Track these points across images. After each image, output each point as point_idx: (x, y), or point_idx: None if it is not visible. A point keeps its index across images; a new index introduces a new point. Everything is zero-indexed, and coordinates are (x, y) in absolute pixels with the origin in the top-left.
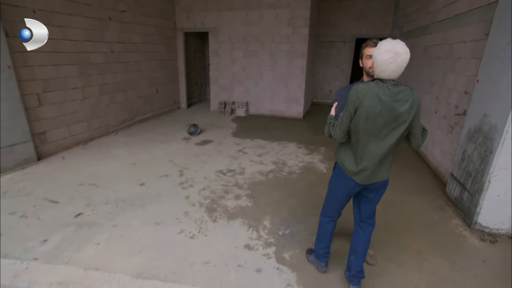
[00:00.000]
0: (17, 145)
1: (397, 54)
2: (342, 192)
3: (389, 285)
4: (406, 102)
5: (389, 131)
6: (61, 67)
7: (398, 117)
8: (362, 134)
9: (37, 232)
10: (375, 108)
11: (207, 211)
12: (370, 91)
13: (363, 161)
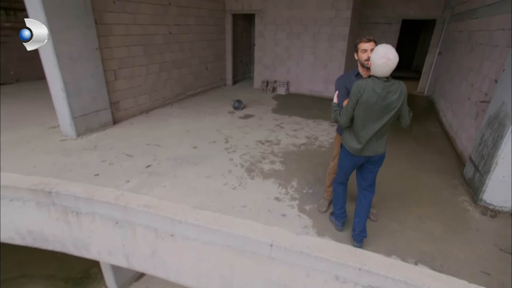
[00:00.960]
0: (100, 111)
1: (389, 59)
2: (348, 164)
3: (387, 238)
4: (396, 93)
5: (383, 115)
6: (131, 48)
7: (389, 104)
8: (362, 119)
9: (121, 175)
10: (372, 99)
11: (246, 171)
12: (368, 85)
13: (363, 139)
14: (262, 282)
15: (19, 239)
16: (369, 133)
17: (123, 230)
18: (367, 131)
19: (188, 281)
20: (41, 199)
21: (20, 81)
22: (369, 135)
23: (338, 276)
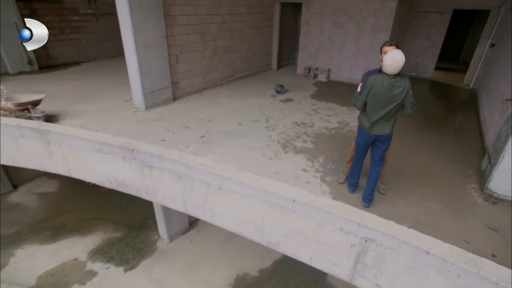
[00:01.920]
0: (164, 89)
1: (396, 61)
2: (362, 140)
3: (390, 207)
4: (400, 88)
5: (388, 104)
6: (190, 35)
7: (394, 96)
8: (372, 105)
9: (182, 142)
10: (380, 90)
11: (281, 146)
12: (379, 80)
13: (372, 120)
14: (285, 229)
15: (107, 183)
16: (377, 116)
17: (183, 183)
18: (375, 114)
19: (229, 225)
20: (126, 154)
21: (96, 59)
22: (377, 117)
23: (342, 228)
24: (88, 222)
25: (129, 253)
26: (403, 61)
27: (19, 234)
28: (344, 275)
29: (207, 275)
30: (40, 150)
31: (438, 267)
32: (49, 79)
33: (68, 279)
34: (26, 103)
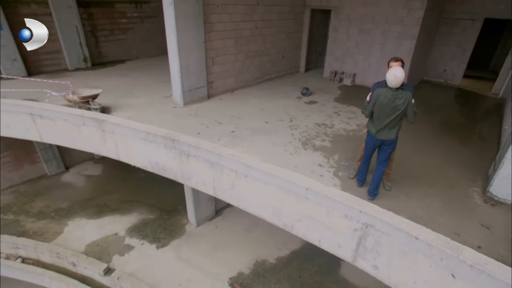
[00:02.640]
0: (200, 88)
1: (396, 77)
2: (370, 143)
3: (392, 202)
4: (401, 99)
5: (392, 113)
6: (225, 40)
7: (396, 106)
8: (377, 114)
9: (214, 135)
10: (384, 101)
11: (302, 144)
12: (383, 92)
13: (378, 127)
14: (299, 214)
15: (150, 167)
16: (382, 124)
17: (215, 170)
18: (380, 122)
19: (252, 209)
20: (167, 143)
21: (139, 57)
22: (382, 125)
23: (347, 215)
24: (127, 204)
25: (161, 233)
26: (403, 77)
27: (70, 208)
28: (348, 257)
29: (229, 258)
30: (97, 137)
31: (425, 251)
32: (100, 75)
33: (110, 250)
34: (88, 97)
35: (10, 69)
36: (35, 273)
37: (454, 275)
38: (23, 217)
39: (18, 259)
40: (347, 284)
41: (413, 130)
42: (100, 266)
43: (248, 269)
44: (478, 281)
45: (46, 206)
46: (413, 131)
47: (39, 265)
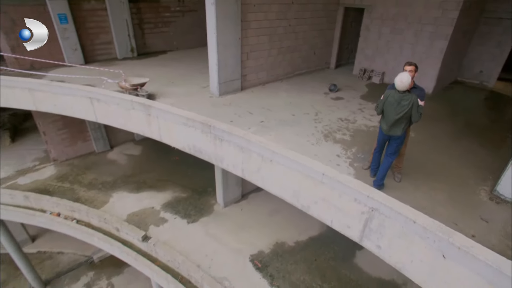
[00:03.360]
0: (235, 80)
1: (402, 82)
2: (380, 137)
3: (399, 192)
4: (407, 101)
5: (398, 113)
6: (260, 37)
7: (402, 107)
8: (386, 112)
9: (245, 124)
10: (392, 101)
11: (323, 136)
12: (391, 94)
13: (387, 124)
14: (315, 196)
15: (188, 149)
16: (390, 122)
17: (244, 154)
18: (388, 119)
19: (274, 190)
20: (204, 129)
21: (179, 49)
22: (390, 122)
23: (356, 199)
24: (162, 182)
25: (191, 210)
26: (409, 82)
27: (114, 182)
28: (355, 237)
29: (252, 237)
30: (143, 120)
31: (421, 234)
32: (145, 65)
33: (147, 221)
34: (137, 84)
35: (71, 57)
36: (87, 233)
37: (444, 255)
38: (77, 186)
39: (73, 220)
40: (360, 272)
41: (434, 129)
42: (139, 233)
43: (268, 249)
44: (464, 261)
45: (95, 179)
46: (434, 131)
47: (89, 227)
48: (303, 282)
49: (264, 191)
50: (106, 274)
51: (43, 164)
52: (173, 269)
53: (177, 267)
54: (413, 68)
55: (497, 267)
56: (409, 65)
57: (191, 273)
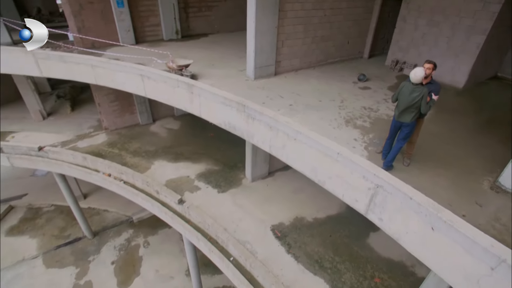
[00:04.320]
0: (269, 66)
1: (416, 75)
2: (392, 124)
3: (405, 174)
4: (417, 93)
5: (409, 102)
6: (295, 26)
7: (413, 98)
8: (399, 101)
9: (275, 106)
10: (405, 91)
11: (345, 121)
12: (405, 85)
13: (398, 110)
14: (330, 172)
15: (223, 124)
16: (400, 109)
17: (272, 132)
18: (399, 107)
19: (295, 165)
20: (239, 108)
21: (219, 32)
22: (400, 109)
23: (364, 176)
24: (198, 155)
25: (222, 182)
26: (421, 76)
27: (155, 152)
28: (362, 210)
29: (274, 211)
30: (186, 97)
31: (416, 209)
32: (188, 47)
33: (183, 187)
34: (182, 65)
35: (125, 38)
36: (132, 193)
37: (433, 228)
38: (124, 152)
39: (121, 181)
40: (371, 251)
41: (455, 123)
42: (176, 196)
43: (288, 222)
44: (448, 233)
45: (139, 148)
46: (455, 125)
47: (134, 188)
48: (317, 253)
49: (290, 170)
50: (143, 233)
51: (96, 132)
52: (203, 229)
53: (207, 228)
54: (431, 66)
55: (473, 238)
56: (428, 63)
57: (219, 234)
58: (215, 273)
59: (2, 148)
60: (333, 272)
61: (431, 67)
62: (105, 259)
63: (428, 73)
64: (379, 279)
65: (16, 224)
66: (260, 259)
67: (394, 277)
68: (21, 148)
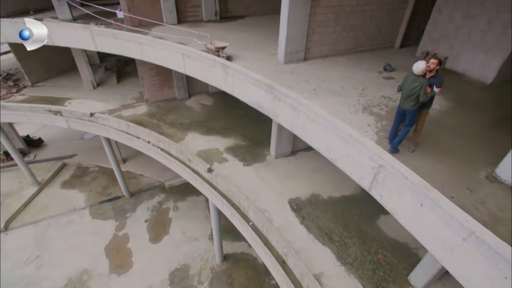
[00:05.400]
0: (299, 52)
1: (417, 67)
2: (398, 110)
3: (408, 159)
4: (417, 83)
5: (410, 91)
6: (327, 15)
7: (414, 87)
8: (402, 90)
9: (300, 90)
10: (408, 81)
11: (362, 108)
12: (409, 76)
13: (401, 98)
14: (342, 151)
15: (252, 103)
16: (403, 97)
17: (294, 112)
18: (403, 95)
19: (313, 144)
20: (267, 89)
21: (256, 15)
22: (402, 97)
23: (370, 156)
24: (227, 130)
25: (248, 156)
26: (422, 68)
27: (189, 125)
28: (366, 186)
29: (293, 186)
30: (221, 77)
31: (409, 188)
32: (226, 28)
33: (212, 158)
34: (220, 47)
35: (168, 18)
36: (168, 159)
37: (422, 204)
38: (162, 123)
39: (158, 148)
40: (379, 231)
41: (471, 117)
42: (205, 165)
43: (305, 197)
44: (434, 209)
45: (175, 120)
46: (470, 119)
47: (169, 155)
48: (328, 227)
49: (311, 152)
50: (173, 198)
51: (138, 103)
52: (228, 196)
53: (231, 195)
54: (436, 61)
55: (452, 214)
56: (434, 58)
57: (241, 201)
58: (235, 240)
59: (62, 112)
60: (340, 245)
61: (435, 62)
62: (140, 217)
63: (433, 68)
64: (382, 255)
65: (68, 179)
66: (275, 226)
67: (396, 256)
68: (76, 113)
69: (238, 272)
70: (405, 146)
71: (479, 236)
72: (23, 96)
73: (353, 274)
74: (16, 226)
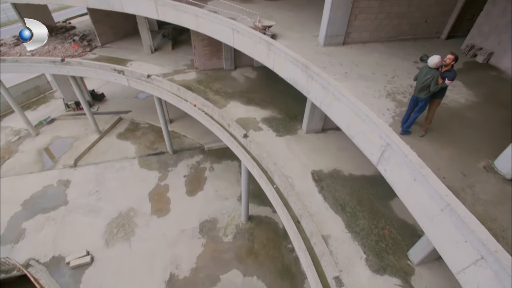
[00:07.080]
0: (339, 36)
1: (431, 61)
2: (412, 97)
3: (415, 142)
4: (430, 75)
5: (423, 81)
6: (371, 1)
7: (426, 79)
8: (417, 79)
9: (333, 71)
10: (422, 73)
11: (386, 94)
12: (424, 68)
13: (416, 87)
14: (358, 129)
15: (289, 79)
16: (418, 87)
17: (324, 91)
18: (417, 85)
19: (337, 120)
20: (303, 68)
21: None
22: (417, 87)
23: (380, 135)
24: (266, 102)
25: (281, 128)
26: (435, 62)
27: (232, 94)
28: (374, 162)
29: (318, 159)
30: (264, 53)
31: (407, 165)
32: (275, 7)
33: (249, 126)
34: (266, 26)
35: None
36: (210, 122)
37: (415, 179)
38: (208, 90)
39: (203, 112)
40: (390, 210)
41: (491, 113)
42: (242, 131)
43: (327, 171)
44: (424, 185)
45: (220, 88)
46: (490, 114)
47: (212, 119)
48: (343, 199)
49: (340, 131)
50: (210, 160)
51: (189, 70)
52: (258, 160)
53: (261, 160)
54: (452, 57)
55: (436, 188)
56: (451, 54)
57: (269, 166)
58: (261, 204)
59: (124, 71)
60: (351, 216)
61: (451, 58)
62: (180, 172)
63: (448, 63)
64: (388, 231)
65: (123, 131)
66: (296, 191)
67: (401, 234)
68: (136, 73)
69: (259, 232)
70: (417, 131)
71: (453, 208)
72: (94, 55)
73: (358, 241)
74: (82, 164)
